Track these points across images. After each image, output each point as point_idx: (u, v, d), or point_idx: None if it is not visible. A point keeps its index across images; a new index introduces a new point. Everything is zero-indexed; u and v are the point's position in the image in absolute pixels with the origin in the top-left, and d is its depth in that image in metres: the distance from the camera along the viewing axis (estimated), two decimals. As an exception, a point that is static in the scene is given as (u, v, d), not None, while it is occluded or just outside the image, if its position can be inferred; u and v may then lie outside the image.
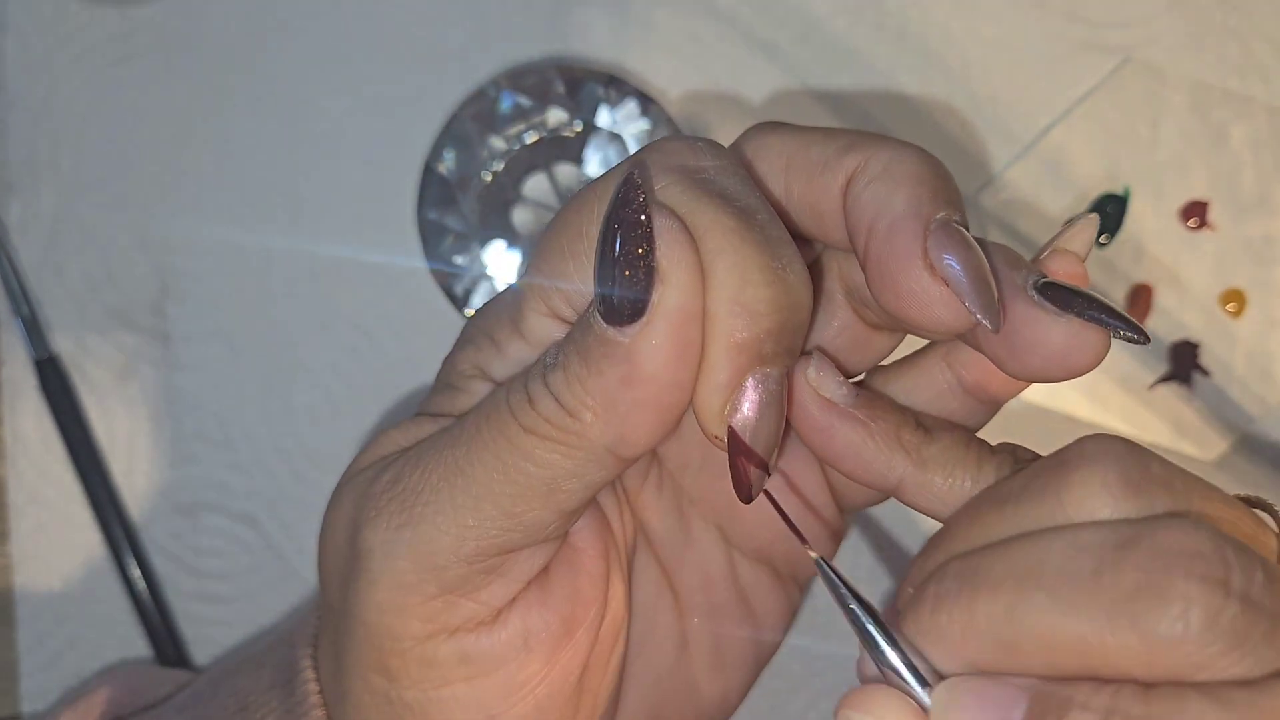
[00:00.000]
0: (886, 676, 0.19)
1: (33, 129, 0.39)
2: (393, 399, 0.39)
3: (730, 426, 0.20)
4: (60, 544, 0.39)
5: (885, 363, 0.25)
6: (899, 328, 0.24)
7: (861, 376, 0.25)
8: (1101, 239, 0.39)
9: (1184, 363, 0.39)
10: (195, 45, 0.39)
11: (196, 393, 0.39)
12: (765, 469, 0.20)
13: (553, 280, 0.21)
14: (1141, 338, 0.19)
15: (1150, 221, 0.40)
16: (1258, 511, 0.19)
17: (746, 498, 0.21)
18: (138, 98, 0.39)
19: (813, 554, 0.20)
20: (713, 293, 0.19)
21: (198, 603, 0.39)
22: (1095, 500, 0.18)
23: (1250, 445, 0.39)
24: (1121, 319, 0.19)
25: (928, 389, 0.23)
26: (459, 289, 0.38)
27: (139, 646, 0.39)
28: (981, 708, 0.17)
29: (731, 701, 0.29)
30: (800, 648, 0.40)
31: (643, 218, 0.19)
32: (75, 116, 0.39)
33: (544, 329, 0.22)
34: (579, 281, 0.21)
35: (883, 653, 0.19)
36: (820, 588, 0.24)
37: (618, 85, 0.38)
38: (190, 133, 0.39)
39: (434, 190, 0.38)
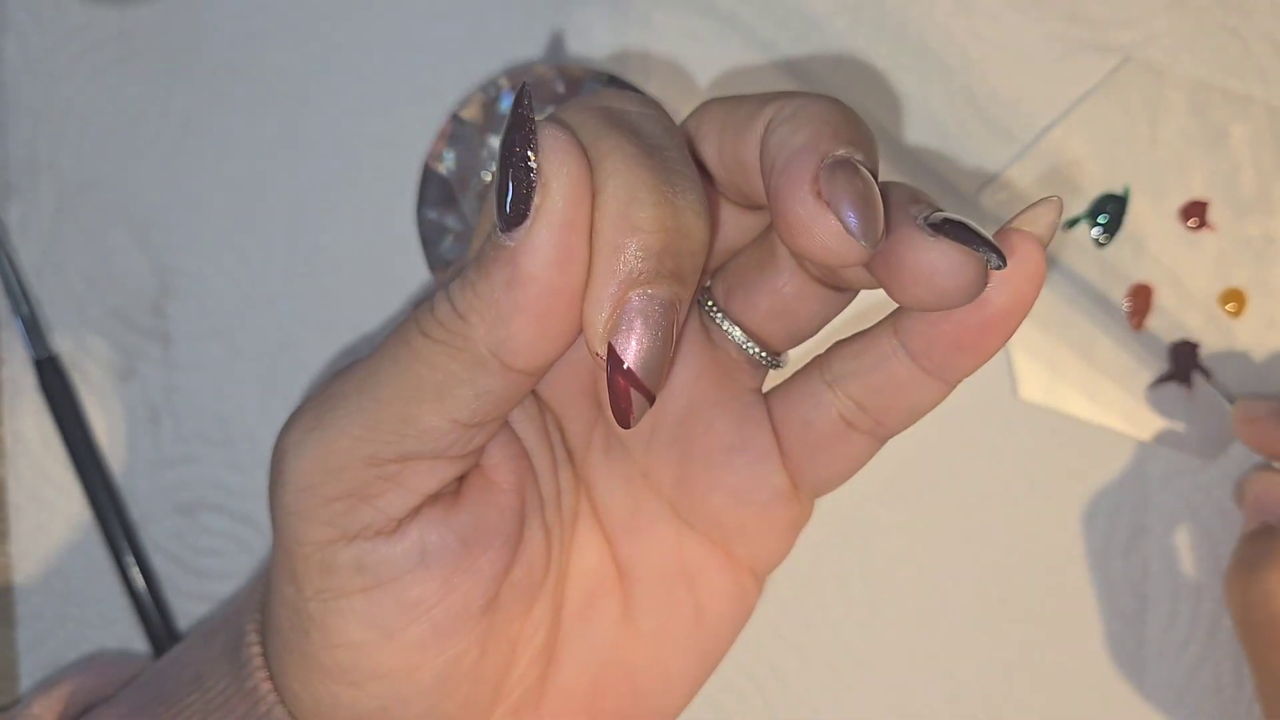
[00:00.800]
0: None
1: (33, 128, 0.39)
2: (393, 399, 0.39)
3: (610, 344, 0.20)
4: (60, 543, 0.39)
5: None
6: (833, 279, 0.24)
7: (814, 336, 0.26)
8: (1101, 239, 0.39)
9: (1184, 362, 0.39)
10: (195, 45, 0.39)
11: (196, 392, 0.39)
12: (646, 394, 0.20)
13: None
14: (1001, 262, 0.20)
15: (1150, 221, 0.40)
16: None
17: (623, 422, 0.21)
18: (138, 97, 0.39)
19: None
20: (600, 209, 0.20)
21: (197, 602, 0.39)
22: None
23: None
24: (990, 246, 0.20)
25: (874, 354, 0.24)
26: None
27: (139, 646, 0.39)
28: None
29: (673, 692, 0.28)
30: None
31: (529, 129, 0.19)
32: (75, 116, 0.39)
33: None
34: None
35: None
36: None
37: (617, 85, 0.38)
38: (190, 132, 0.39)
39: (434, 190, 0.38)
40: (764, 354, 0.26)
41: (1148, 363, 0.39)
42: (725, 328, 0.25)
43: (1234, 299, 0.39)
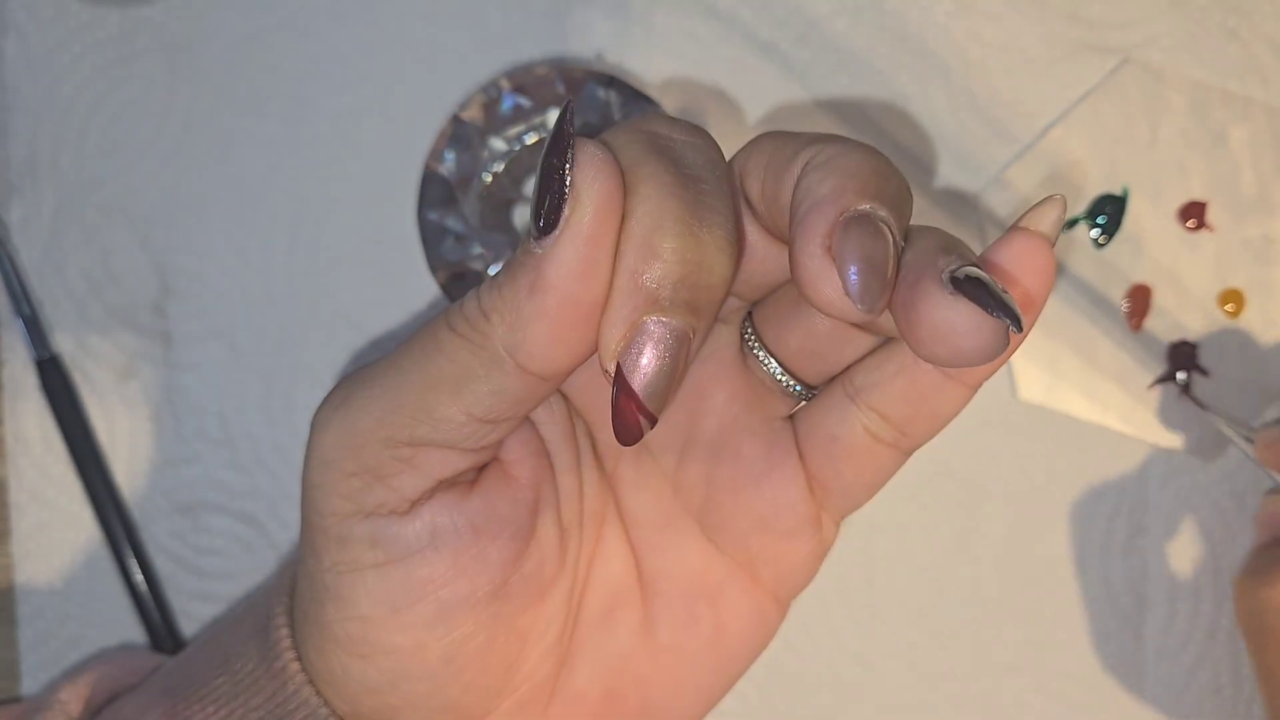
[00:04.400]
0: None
1: (34, 129, 0.39)
2: (393, 399, 0.39)
3: (619, 364, 0.21)
4: (61, 543, 0.39)
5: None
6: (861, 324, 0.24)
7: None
8: (1100, 239, 0.40)
9: (1182, 363, 0.39)
10: (196, 45, 0.39)
11: (197, 392, 0.39)
12: (649, 416, 0.21)
13: None
14: (1019, 327, 0.20)
15: (1149, 222, 0.40)
16: None
17: (625, 439, 0.21)
18: (139, 97, 0.39)
19: None
20: (626, 232, 0.21)
21: (199, 602, 0.39)
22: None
23: (1248, 445, 0.40)
24: (1009, 311, 0.20)
25: (895, 363, 0.24)
26: (459, 290, 0.38)
27: (140, 646, 0.39)
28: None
29: (685, 709, 0.28)
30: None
31: (568, 144, 0.20)
32: (76, 116, 0.39)
33: None
34: None
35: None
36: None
37: (618, 86, 0.38)
38: (191, 133, 0.39)
39: (434, 191, 0.38)
40: (798, 386, 0.26)
41: (1147, 363, 0.39)
42: (761, 358, 0.26)
43: (1233, 300, 0.39)
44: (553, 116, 0.38)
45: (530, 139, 0.38)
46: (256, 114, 0.39)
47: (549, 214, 0.20)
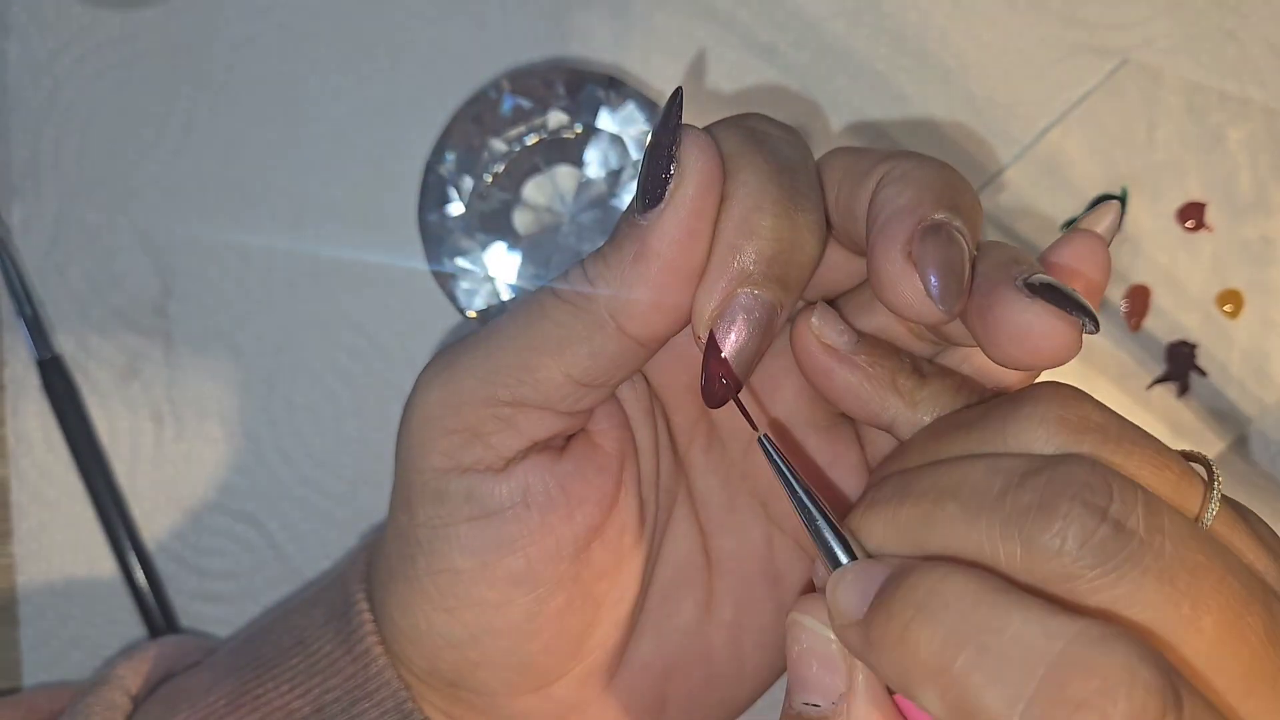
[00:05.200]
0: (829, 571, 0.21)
1: (35, 130, 0.39)
2: (393, 399, 0.39)
3: (711, 331, 0.22)
4: (63, 543, 0.39)
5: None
6: (935, 334, 0.25)
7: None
8: (1099, 240, 0.40)
9: (1181, 363, 0.39)
10: (197, 47, 0.39)
11: (198, 392, 0.39)
12: (735, 381, 0.22)
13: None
14: (1095, 327, 0.21)
15: (1147, 222, 0.40)
16: (1194, 465, 0.21)
17: (711, 402, 0.23)
18: (140, 99, 0.39)
19: (759, 433, 0.23)
20: (726, 211, 0.22)
21: (200, 602, 0.39)
22: (1032, 434, 0.21)
23: (1247, 445, 0.40)
24: (1085, 310, 0.21)
25: (956, 354, 0.26)
26: (459, 290, 0.38)
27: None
28: (856, 583, 0.20)
29: (746, 685, 0.29)
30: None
31: (676, 125, 0.22)
32: (78, 118, 0.39)
33: None
34: None
35: (828, 545, 0.21)
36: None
37: (618, 88, 0.38)
38: (192, 134, 0.39)
39: (434, 191, 0.38)
40: None
41: (1145, 363, 0.40)
42: None
43: (1231, 300, 0.40)
44: (553, 117, 0.38)
45: (530, 139, 0.38)
46: (257, 115, 0.39)
47: (655, 189, 0.22)
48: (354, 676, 0.28)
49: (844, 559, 0.21)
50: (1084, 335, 0.21)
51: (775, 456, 0.22)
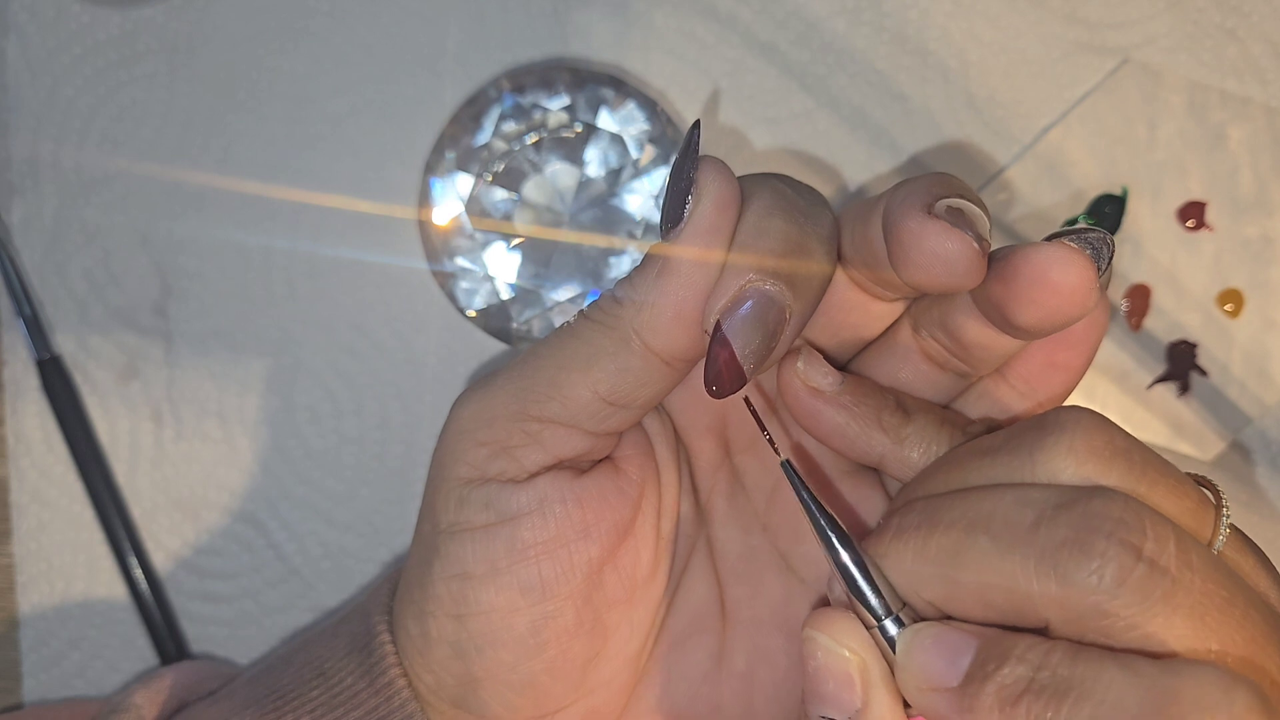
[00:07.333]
0: (852, 605, 0.22)
1: (35, 129, 0.39)
2: (393, 399, 0.39)
3: (718, 320, 0.23)
4: (62, 543, 0.39)
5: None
6: (957, 352, 0.26)
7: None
8: (1100, 239, 0.40)
9: (1182, 363, 0.39)
10: (197, 46, 0.39)
11: (198, 392, 0.39)
12: (738, 372, 0.23)
13: None
14: (1108, 257, 0.22)
15: (1148, 222, 0.40)
16: (1204, 489, 0.22)
17: (714, 392, 0.23)
18: (140, 98, 0.39)
19: (781, 457, 0.24)
20: (740, 222, 0.24)
21: (200, 601, 0.39)
22: (1060, 462, 0.21)
23: (1247, 445, 0.40)
24: (1105, 247, 0.22)
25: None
26: (459, 290, 0.38)
27: (141, 645, 0.39)
28: (938, 649, 0.20)
29: None
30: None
31: (694, 151, 0.24)
32: (77, 117, 0.39)
33: None
34: None
35: (847, 569, 0.22)
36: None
37: (618, 87, 0.38)
38: (192, 133, 0.39)
39: (435, 191, 0.38)
40: None
41: (1146, 363, 0.39)
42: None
43: (1232, 299, 0.39)
44: (553, 116, 0.38)
45: (530, 139, 0.38)
46: (257, 114, 0.39)
47: (676, 211, 0.23)
48: (376, 710, 0.28)
49: (863, 584, 0.21)
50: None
51: (796, 480, 0.23)
